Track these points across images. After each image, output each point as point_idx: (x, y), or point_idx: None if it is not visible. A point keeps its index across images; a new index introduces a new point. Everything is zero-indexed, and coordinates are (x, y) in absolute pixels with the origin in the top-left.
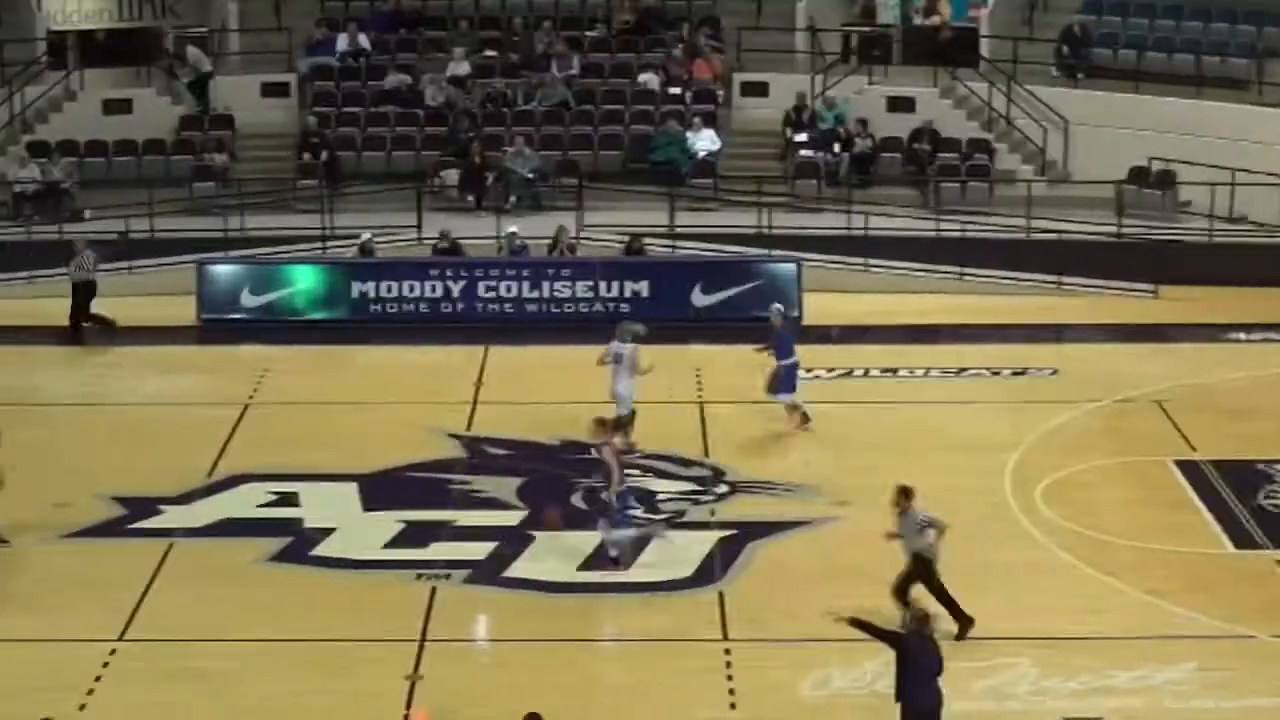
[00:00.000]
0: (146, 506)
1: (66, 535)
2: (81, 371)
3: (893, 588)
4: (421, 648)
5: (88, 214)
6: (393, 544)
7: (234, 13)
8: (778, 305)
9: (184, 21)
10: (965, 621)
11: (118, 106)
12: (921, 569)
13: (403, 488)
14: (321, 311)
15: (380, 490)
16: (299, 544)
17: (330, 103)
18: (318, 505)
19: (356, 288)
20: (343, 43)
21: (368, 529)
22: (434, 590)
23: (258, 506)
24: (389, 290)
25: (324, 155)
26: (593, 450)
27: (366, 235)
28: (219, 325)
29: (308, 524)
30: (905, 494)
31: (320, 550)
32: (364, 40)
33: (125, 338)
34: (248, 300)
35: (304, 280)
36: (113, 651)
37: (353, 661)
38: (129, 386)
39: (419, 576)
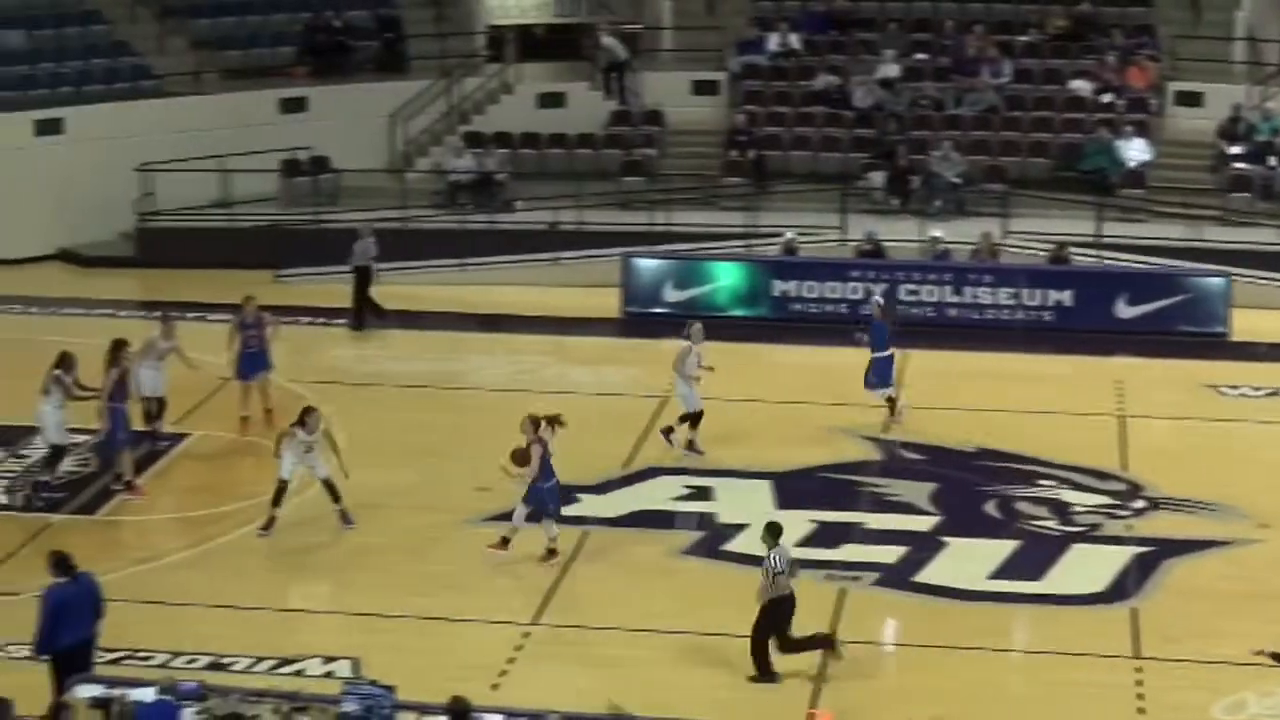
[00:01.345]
0: (564, 494)
1: (487, 519)
2: (505, 359)
3: None
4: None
5: (518, 205)
6: (804, 543)
7: (667, 10)
8: (877, 297)
9: (618, 18)
10: None
11: (552, 100)
12: None
13: (816, 487)
14: (742, 309)
15: (793, 489)
16: (711, 538)
17: (759, 102)
18: (731, 501)
19: (778, 286)
20: (773, 42)
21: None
22: (843, 591)
23: (671, 499)
24: (810, 290)
25: (751, 154)
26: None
27: (790, 234)
28: (642, 318)
29: (720, 519)
30: None
31: (732, 546)
32: (795, 40)
33: (551, 327)
34: (670, 295)
35: (726, 277)
36: (526, 634)
37: None
38: (552, 375)
39: (828, 577)
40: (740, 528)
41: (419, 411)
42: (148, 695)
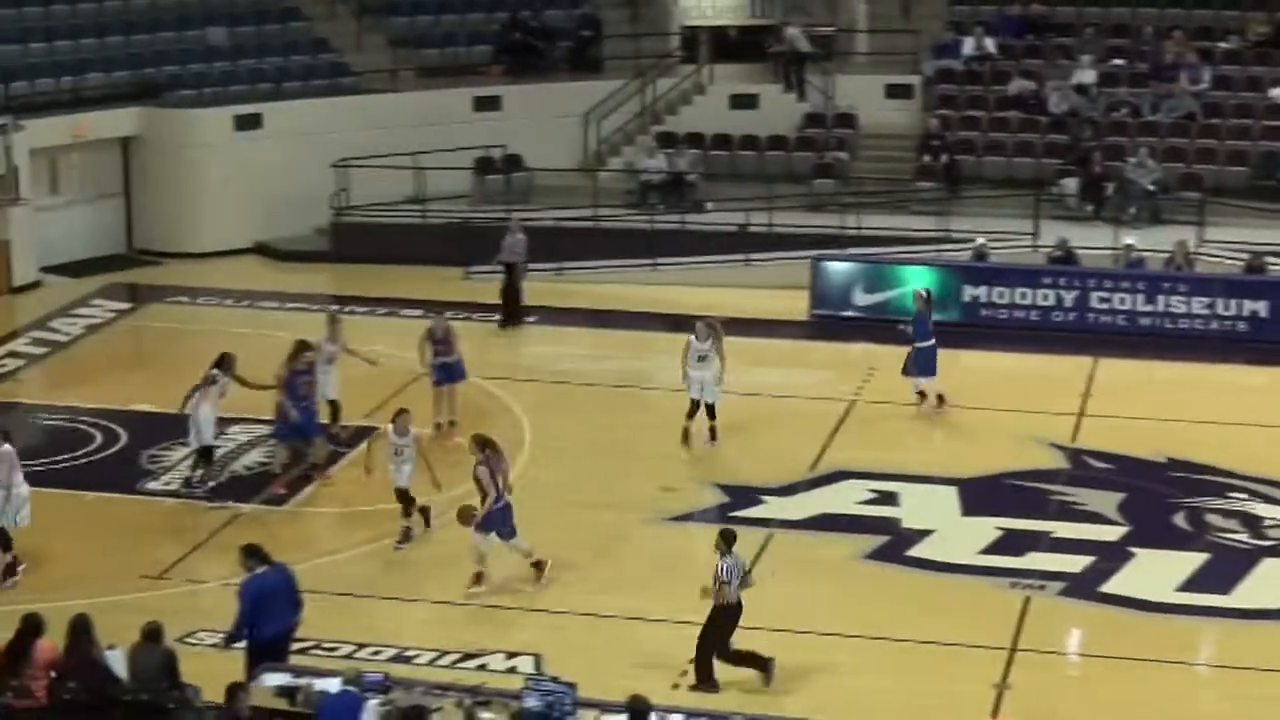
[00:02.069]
0: (748, 496)
1: (670, 518)
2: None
3: None
4: (1011, 656)
5: (709, 205)
6: (989, 550)
7: (862, 13)
8: (920, 289)
9: (813, 20)
10: None
11: (744, 101)
12: None
13: (1002, 494)
14: (932, 313)
15: (980, 495)
16: (896, 543)
17: (953, 106)
18: (917, 506)
19: (968, 291)
20: (969, 46)
21: (965, 533)
22: (1028, 600)
23: (857, 503)
24: (1000, 296)
25: (944, 158)
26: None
27: (981, 240)
28: (830, 321)
29: (906, 524)
30: None
31: (916, 551)
32: (990, 44)
33: (739, 329)
34: (859, 298)
35: (916, 281)
36: None
37: (941, 664)
38: (739, 376)
39: (1013, 585)
40: (925, 533)
41: (605, 410)
42: (333, 685)
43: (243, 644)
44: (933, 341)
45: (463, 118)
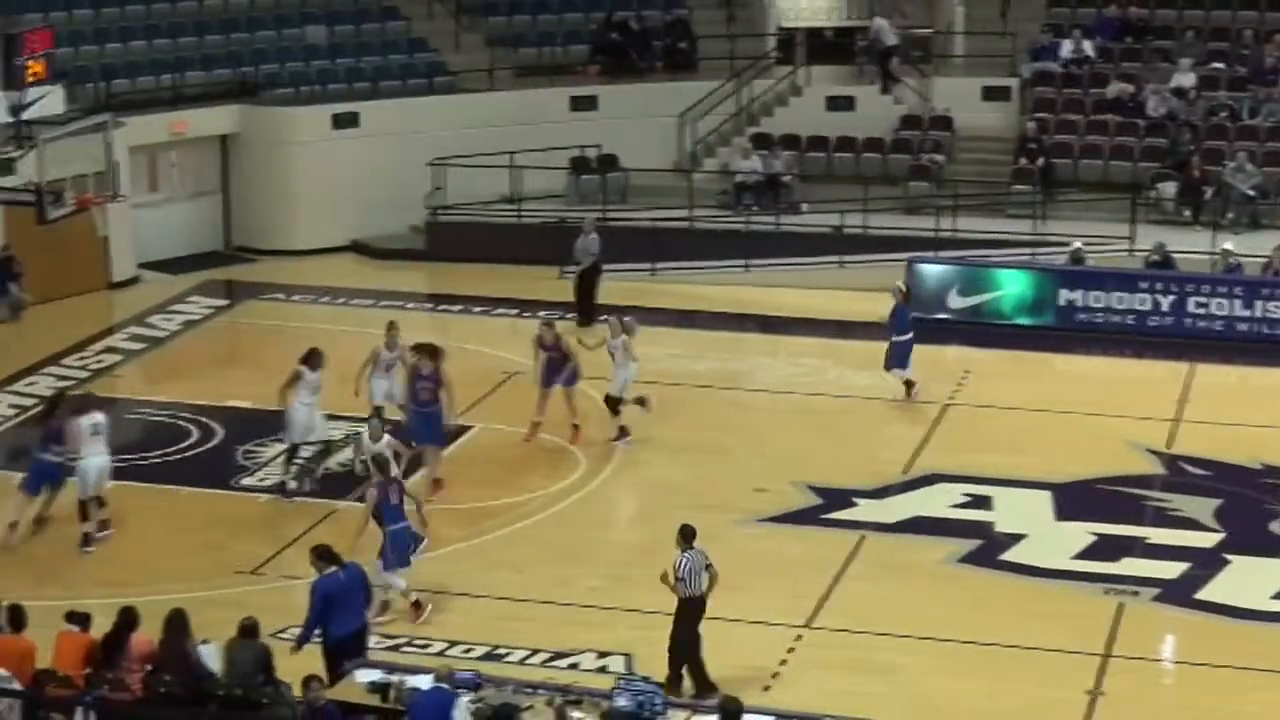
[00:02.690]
0: (841, 498)
1: (763, 520)
2: (786, 361)
3: None
4: (1105, 662)
5: (804, 207)
6: (1083, 555)
7: (960, 15)
8: (899, 283)
9: (909, 22)
10: None
11: (841, 103)
12: None
13: (1097, 499)
14: (1027, 317)
15: (1074, 500)
16: (989, 547)
17: (1050, 109)
18: (1010, 510)
19: (1064, 295)
20: (1067, 49)
21: (1059, 538)
22: (1121, 606)
23: (950, 506)
24: (1096, 300)
25: (1040, 161)
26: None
27: (1077, 244)
28: (925, 324)
29: (999, 528)
30: None
31: (1009, 555)
32: (1089, 47)
33: (833, 331)
34: (954, 301)
35: (1012, 285)
36: (799, 637)
37: (1033, 669)
38: (832, 378)
39: (1107, 591)
40: (1018, 538)
41: (700, 410)
42: (424, 682)
43: (313, 643)
44: (910, 335)
45: (559, 117)
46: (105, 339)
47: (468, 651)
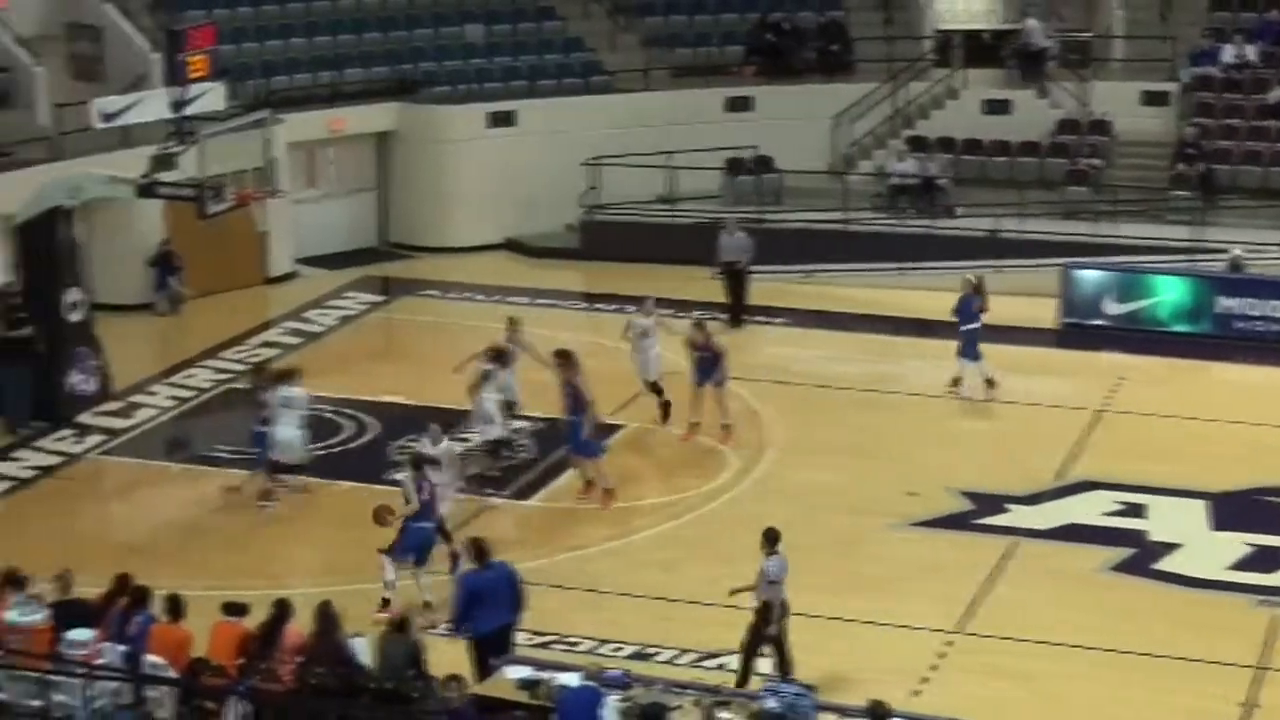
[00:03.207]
0: (993, 503)
1: (914, 524)
2: (938, 364)
3: None
4: (1259, 675)
5: (959, 211)
6: (1238, 566)
7: (1119, 19)
8: (968, 275)
9: (1068, 25)
10: None
11: (997, 107)
12: None
13: (1254, 510)
14: (1184, 324)
15: (1229, 510)
16: (1142, 556)
17: (1210, 114)
18: (1164, 519)
19: (1221, 303)
20: (1228, 54)
21: (1214, 548)
22: (1276, 617)
23: (1103, 514)
24: (1254, 308)
25: (1199, 167)
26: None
27: (1236, 250)
28: (1079, 330)
29: (1153, 537)
30: None
31: (1163, 564)
32: (1251, 52)
33: (986, 335)
34: (1110, 307)
35: (1168, 291)
36: (949, 642)
37: (1182, 679)
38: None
39: (1261, 602)
40: (1172, 547)
41: (851, 413)
42: (573, 680)
43: (464, 636)
44: (975, 326)
45: (714, 118)
46: (262, 333)
47: (617, 650)
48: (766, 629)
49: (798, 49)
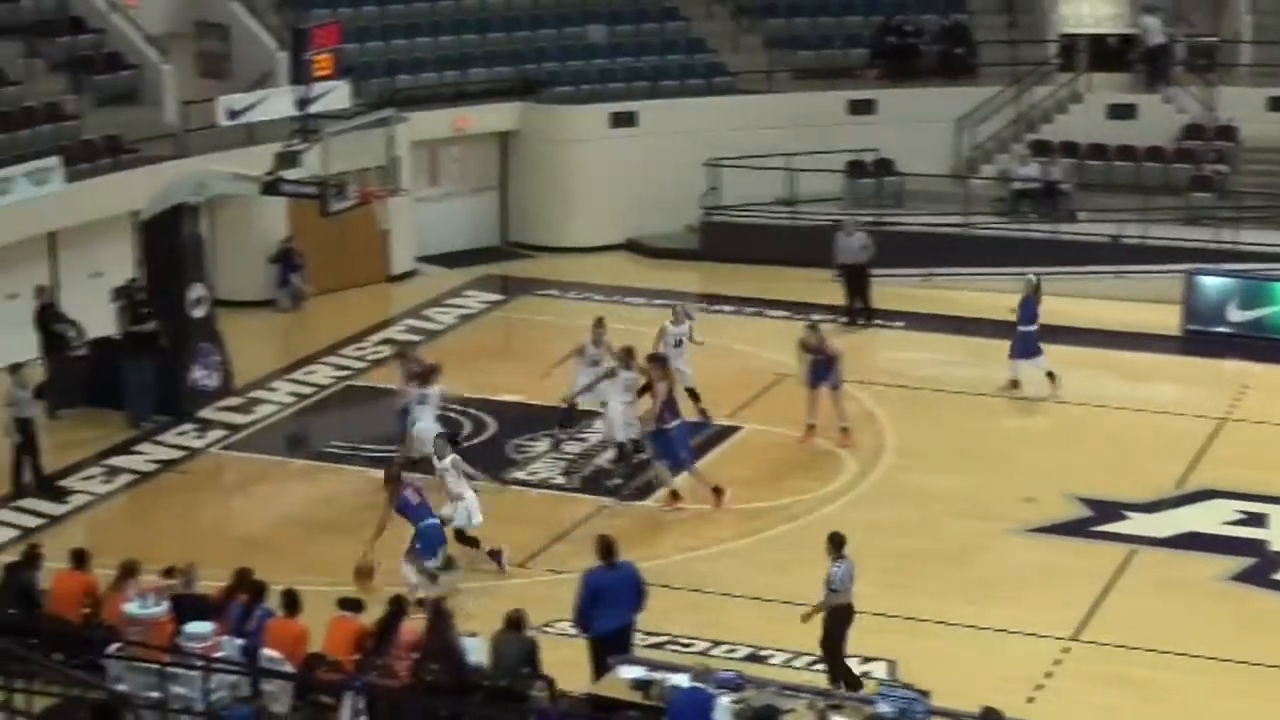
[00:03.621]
0: (1112, 510)
1: (1032, 530)
2: (1059, 370)
3: None
4: None
5: (1082, 215)
6: None
7: (1247, 24)
8: (1030, 275)
9: (1195, 30)
10: None
11: (1122, 111)
12: None
13: None
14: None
15: None
16: (1263, 566)
17: None
18: None
19: None
20: None
21: None
22: None
23: (1224, 523)
24: None
25: None
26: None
27: None
28: (1203, 337)
29: (1274, 547)
30: None
31: None
32: None
33: (1108, 341)
34: (1234, 314)
35: None
36: (1066, 650)
37: None
38: (1106, 389)
39: None
40: None
41: (970, 418)
42: (685, 681)
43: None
44: (1033, 328)
45: (836, 120)
46: (383, 330)
47: (731, 651)
48: (837, 634)
49: (921, 52)
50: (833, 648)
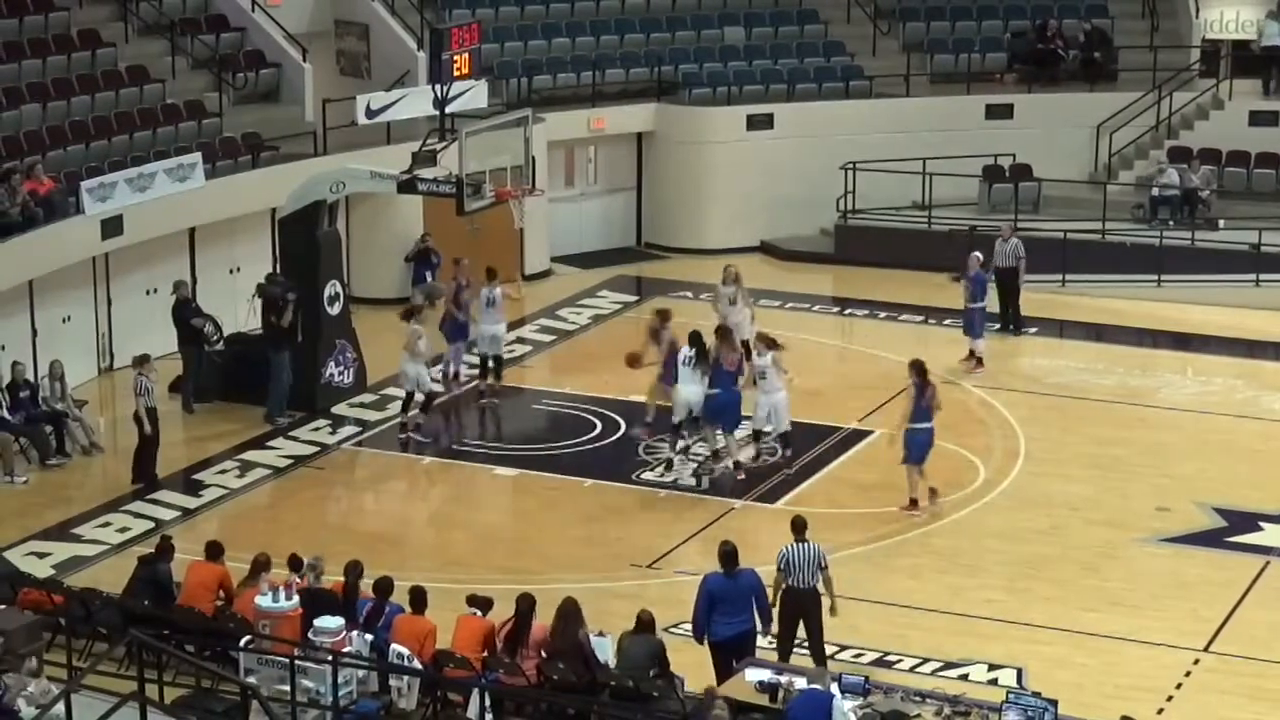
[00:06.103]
0: (1247, 521)
1: (1165, 539)
2: (1196, 379)
3: None
4: None
5: (1221, 223)
6: None
7: None
8: (976, 253)
9: None
10: None
11: (1264, 118)
12: None
13: None
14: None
15: None
16: None
17: None
18: None
19: None
20: None
21: None
22: None
23: None
24: None
25: None
26: None
27: None
28: None
29: None
30: None
31: None
32: None
33: (1246, 351)
34: None
35: None
36: (1196, 661)
37: None
38: (1244, 399)
39: None
40: None
41: (1104, 425)
42: (804, 683)
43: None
44: (981, 305)
45: (973, 125)
46: (516, 329)
47: (858, 656)
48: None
49: (1063, 57)
50: (781, 633)
